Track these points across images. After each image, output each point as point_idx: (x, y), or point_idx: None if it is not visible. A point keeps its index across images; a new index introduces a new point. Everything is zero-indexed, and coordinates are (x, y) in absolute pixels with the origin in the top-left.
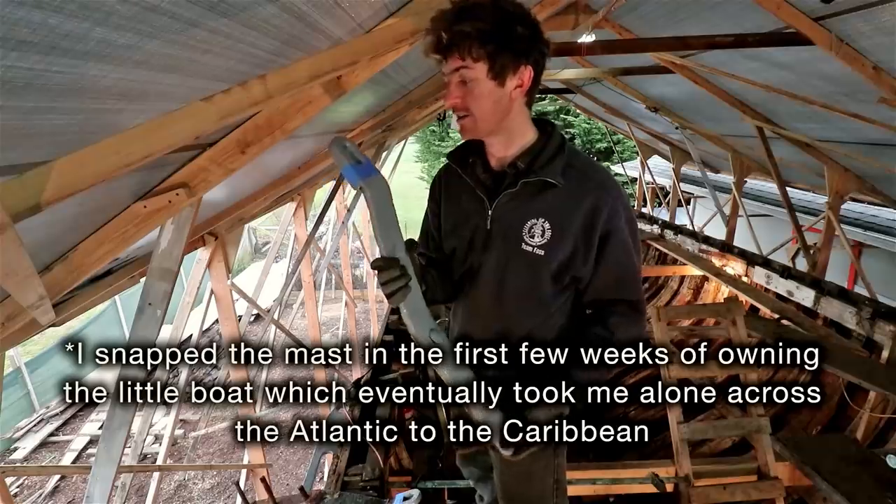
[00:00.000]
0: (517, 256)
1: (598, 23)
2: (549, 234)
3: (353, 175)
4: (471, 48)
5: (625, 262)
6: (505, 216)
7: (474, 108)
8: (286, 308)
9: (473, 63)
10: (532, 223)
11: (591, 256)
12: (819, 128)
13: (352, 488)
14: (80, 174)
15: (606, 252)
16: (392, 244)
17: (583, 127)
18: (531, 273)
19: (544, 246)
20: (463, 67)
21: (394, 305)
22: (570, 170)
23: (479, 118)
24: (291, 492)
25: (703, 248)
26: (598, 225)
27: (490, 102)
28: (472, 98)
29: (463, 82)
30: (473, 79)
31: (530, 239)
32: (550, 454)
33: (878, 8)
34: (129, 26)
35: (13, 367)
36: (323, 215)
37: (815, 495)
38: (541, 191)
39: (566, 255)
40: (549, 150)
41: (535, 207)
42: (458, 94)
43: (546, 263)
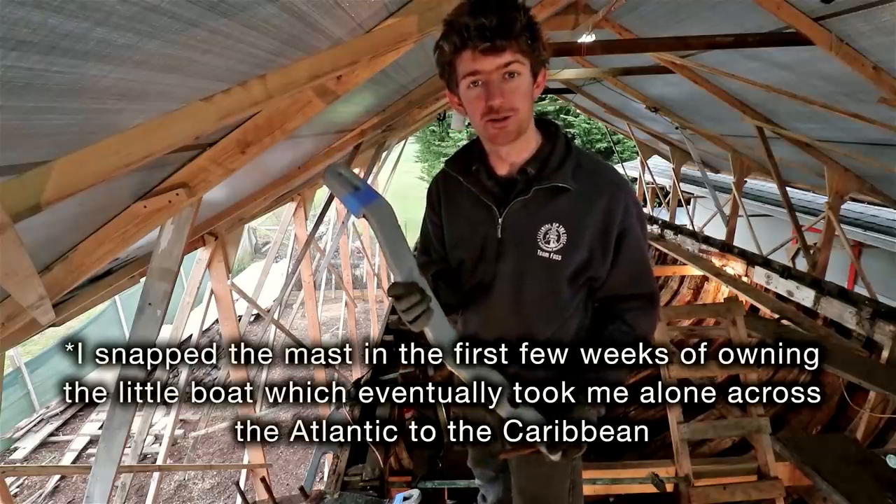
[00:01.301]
0: (533, 264)
1: (598, 23)
2: (565, 239)
3: (354, 204)
4: (528, 40)
5: (639, 258)
6: (517, 224)
7: (521, 105)
8: (286, 308)
9: (524, 57)
10: (546, 228)
11: (609, 257)
12: (819, 128)
13: (352, 488)
14: (80, 174)
15: (622, 250)
16: (408, 268)
17: (583, 127)
18: (549, 279)
19: (560, 251)
20: (516, 61)
21: (417, 330)
22: (579, 171)
23: (522, 118)
24: (291, 492)
25: (703, 248)
26: (613, 225)
27: (530, 100)
28: (520, 95)
29: (507, 77)
30: (521, 73)
31: (546, 245)
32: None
33: (878, 8)
34: (129, 26)
35: (13, 367)
36: (323, 215)
37: (815, 495)
38: (553, 195)
39: (584, 258)
40: (557, 153)
41: (549, 213)
42: (504, 91)
43: (563, 268)
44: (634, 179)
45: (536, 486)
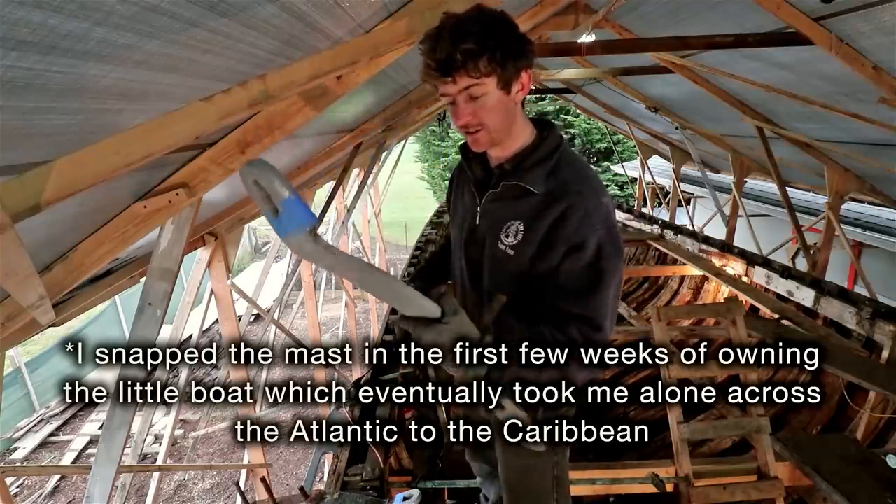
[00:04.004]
0: (492, 254)
1: (598, 23)
2: (521, 237)
3: (278, 228)
4: (479, 64)
5: (587, 273)
6: (490, 214)
7: (488, 120)
8: (286, 308)
9: (485, 78)
10: (509, 224)
11: (553, 262)
12: (819, 128)
13: (352, 488)
14: (80, 174)
15: (568, 261)
16: (407, 297)
17: (583, 127)
18: (502, 272)
19: (514, 247)
20: (473, 85)
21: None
22: (552, 177)
23: (493, 130)
24: (291, 492)
25: (703, 248)
26: (564, 232)
27: (502, 112)
28: (486, 112)
29: (472, 98)
30: (484, 93)
31: (505, 238)
32: (550, 450)
33: (878, 8)
34: (129, 26)
35: (13, 367)
36: (323, 215)
37: (815, 495)
38: (521, 194)
39: (532, 256)
40: (536, 155)
41: (514, 209)
42: (469, 110)
43: (514, 263)
44: (634, 179)
45: (516, 477)
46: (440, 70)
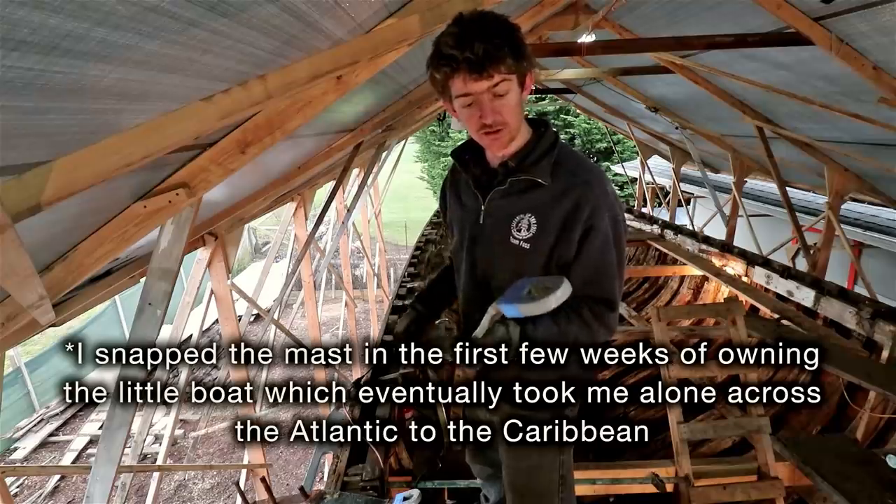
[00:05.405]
0: (505, 250)
1: (598, 23)
2: (535, 229)
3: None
4: (508, 62)
5: (599, 260)
6: (496, 212)
7: (510, 118)
8: (286, 308)
9: (510, 75)
10: (520, 218)
11: (572, 251)
12: (819, 128)
13: (352, 488)
14: (80, 174)
15: (584, 248)
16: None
17: (583, 127)
18: (518, 265)
19: (529, 240)
20: (503, 81)
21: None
22: (558, 168)
23: (513, 127)
24: (291, 492)
25: (703, 248)
26: (578, 221)
27: (519, 110)
28: (508, 110)
29: (496, 97)
30: (509, 90)
31: (517, 233)
32: (556, 449)
33: (878, 8)
34: (129, 26)
35: (13, 367)
36: (323, 215)
37: (815, 495)
38: (529, 188)
39: (551, 245)
40: (538, 149)
41: (523, 203)
42: (495, 109)
43: (530, 255)
44: (634, 179)
45: (522, 479)
46: (474, 66)
